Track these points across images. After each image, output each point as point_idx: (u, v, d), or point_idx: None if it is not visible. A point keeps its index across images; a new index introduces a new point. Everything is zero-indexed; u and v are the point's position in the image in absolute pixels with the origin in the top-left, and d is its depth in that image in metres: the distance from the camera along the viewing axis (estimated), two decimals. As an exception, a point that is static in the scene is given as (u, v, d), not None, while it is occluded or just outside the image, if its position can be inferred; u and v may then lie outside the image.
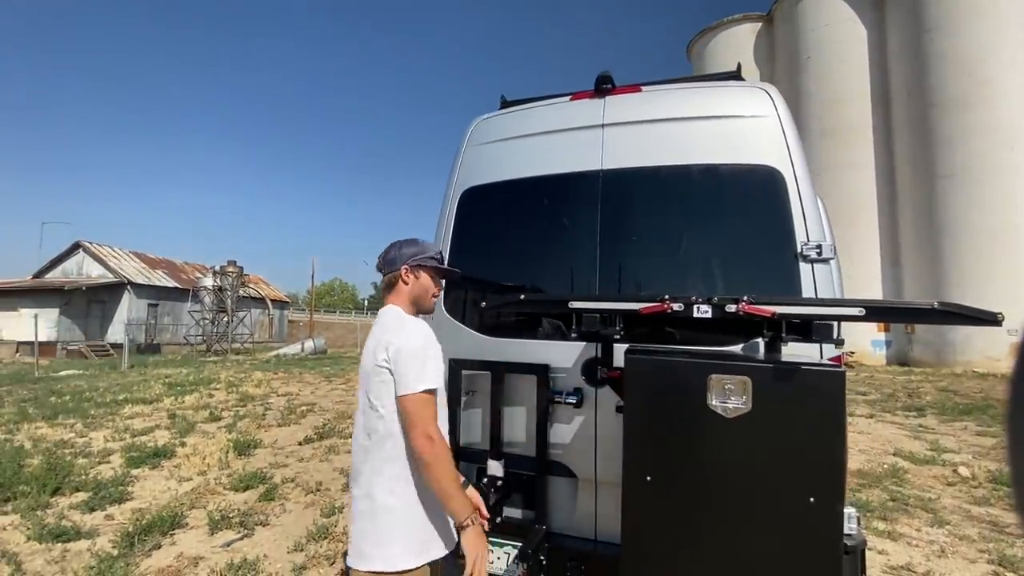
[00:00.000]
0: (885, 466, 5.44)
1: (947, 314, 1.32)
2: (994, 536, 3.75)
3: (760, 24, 27.17)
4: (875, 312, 1.37)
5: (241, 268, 30.22)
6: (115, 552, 3.40)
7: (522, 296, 1.98)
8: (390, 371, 1.51)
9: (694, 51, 29.75)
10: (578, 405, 2.08)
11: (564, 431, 2.14)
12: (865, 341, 20.75)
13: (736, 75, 2.47)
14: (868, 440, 6.76)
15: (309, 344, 26.32)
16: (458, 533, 1.50)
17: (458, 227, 2.47)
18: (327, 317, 58.15)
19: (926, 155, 19.91)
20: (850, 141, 22.19)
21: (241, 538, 3.65)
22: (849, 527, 1.83)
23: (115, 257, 30.58)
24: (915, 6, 20.62)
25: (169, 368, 16.84)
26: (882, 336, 20.70)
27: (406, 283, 1.68)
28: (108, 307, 28.46)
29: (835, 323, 1.46)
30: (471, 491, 1.73)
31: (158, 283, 30.68)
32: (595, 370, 2.04)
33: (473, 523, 1.48)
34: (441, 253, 1.83)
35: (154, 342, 29.56)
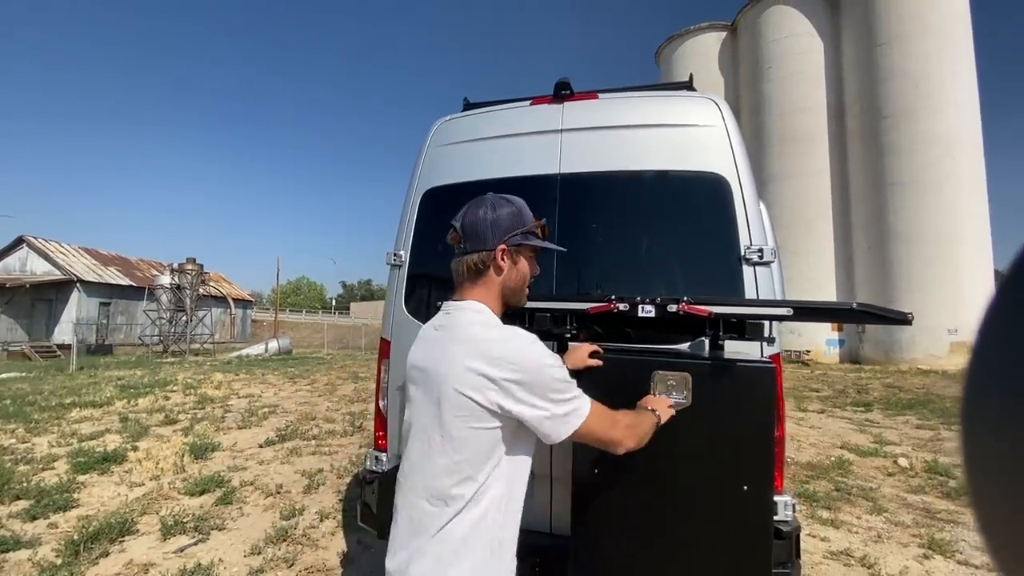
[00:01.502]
0: (833, 458, 5.72)
1: (864, 314, 1.43)
2: (926, 522, 4.01)
3: (725, 33, 27.99)
4: (801, 312, 1.48)
5: (201, 266, 29.19)
6: (58, 561, 3.27)
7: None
8: (505, 414, 1.04)
9: (662, 56, 30.41)
10: None
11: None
12: (820, 340, 21.65)
13: (688, 85, 2.58)
14: (819, 434, 7.09)
15: (273, 344, 25.67)
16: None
17: (420, 227, 2.49)
18: (293, 317, 56.84)
19: (876, 164, 20.93)
20: (808, 149, 23.10)
21: (195, 543, 3.56)
22: (785, 514, 1.95)
23: (63, 253, 29.08)
24: (867, 21, 21.65)
25: (122, 370, 16.14)
26: (836, 336, 21.65)
27: (500, 270, 1.18)
28: (55, 306, 27.06)
29: (767, 322, 1.56)
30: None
31: (110, 281, 29.34)
32: None
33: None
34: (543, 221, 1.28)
35: (106, 343, 28.27)
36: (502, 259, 1.18)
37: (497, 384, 1.03)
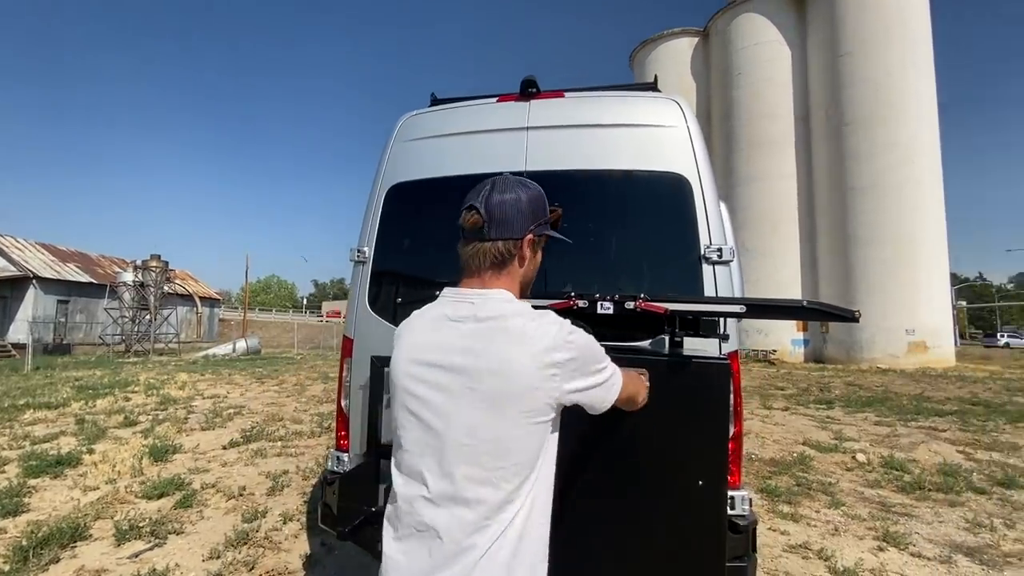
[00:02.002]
0: (795, 454, 5.89)
1: (813, 311, 1.48)
2: (881, 515, 4.15)
3: (697, 39, 28.55)
4: (754, 309, 1.51)
5: (166, 263, 28.28)
6: (6, 568, 3.12)
7: (438, 293, 2.01)
8: (562, 399, 1.01)
9: (636, 60, 30.82)
10: None
11: None
12: (786, 340, 22.28)
13: (653, 86, 2.61)
14: (782, 431, 7.28)
15: (241, 344, 25.03)
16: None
17: (384, 222, 2.46)
18: (263, 316, 55.57)
19: (839, 169, 21.66)
20: (775, 153, 23.75)
21: (151, 548, 3.44)
22: (742, 508, 1.99)
23: (18, 248, 27.79)
24: (832, 31, 22.38)
25: (81, 370, 15.50)
26: (801, 336, 22.31)
27: (524, 261, 1.11)
28: (10, 303, 25.84)
29: (721, 319, 1.59)
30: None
31: (69, 278, 28.17)
32: None
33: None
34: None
35: (64, 342, 27.13)
36: (527, 249, 1.10)
37: (561, 369, 0.98)
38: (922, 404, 9.79)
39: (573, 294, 1.60)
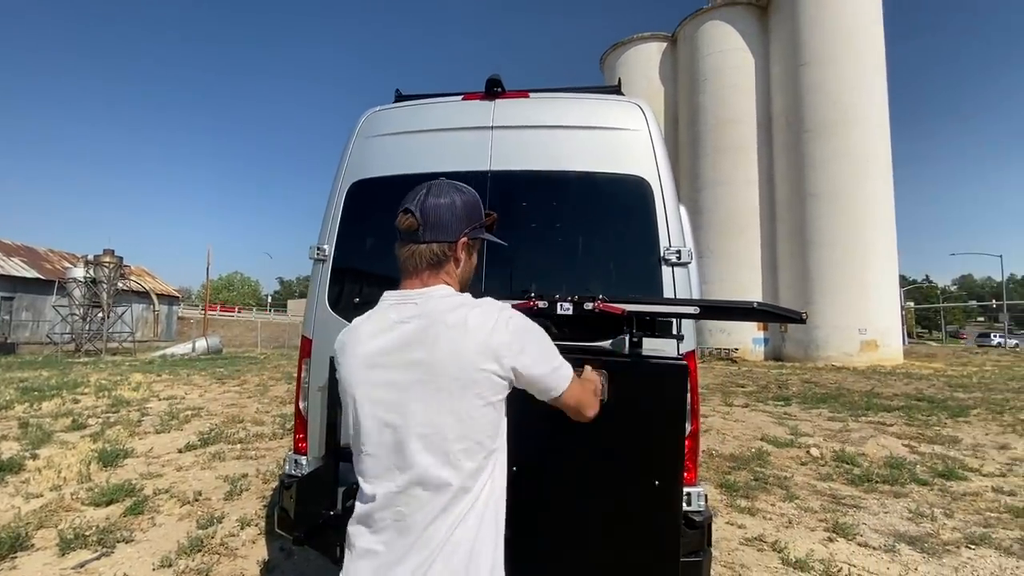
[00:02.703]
0: (753, 450, 6.09)
1: (764, 312, 1.53)
2: (832, 507, 4.34)
3: (666, 44, 29.09)
4: (707, 310, 1.55)
5: (120, 258, 27.03)
6: (-68, 584, 2.93)
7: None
8: (514, 377, 1.06)
9: (607, 63, 31.19)
10: None
11: None
12: (748, 339, 22.99)
13: (617, 89, 2.65)
14: (742, 427, 7.52)
15: (202, 343, 24.19)
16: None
17: (345, 219, 2.42)
18: (225, 314, 53.80)
19: (798, 175, 22.48)
20: (739, 159, 24.45)
21: (98, 557, 3.28)
22: (698, 504, 2.05)
23: (-45, 242, 26.05)
24: (793, 42, 23.18)
25: (26, 371, 14.67)
26: (761, 335, 23.05)
27: (458, 262, 1.15)
28: (-56, 300, 24.20)
29: (675, 319, 1.63)
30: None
31: (13, 273, 26.58)
32: None
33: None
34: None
35: (8, 341, 25.57)
36: (462, 251, 1.14)
37: (507, 348, 1.03)
38: (872, 400, 10.26)
39: (533, 295, 1.61)
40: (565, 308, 1.56)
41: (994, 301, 65.89)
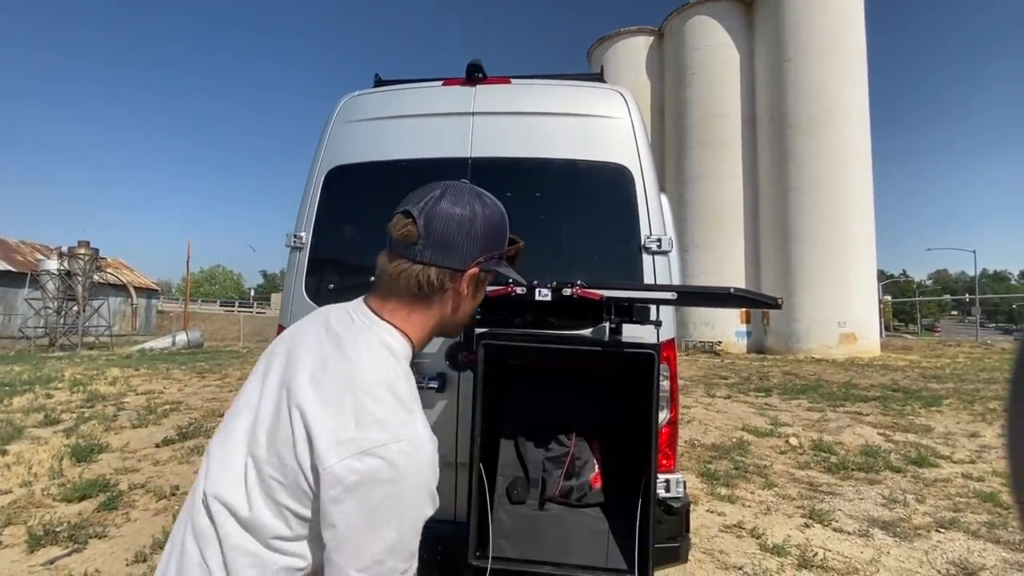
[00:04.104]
0: (734, 439, 6.17)
1: (740, 298, 1.53)
2: (809, 494, 4.42)
3: (653, 38, 29.11)
4: (685, 296, 1.55)
5: (96, 250, 26.34)
6: None
7: (372, 278, 1.96)
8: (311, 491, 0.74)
9: (594, 56, 31.13)
10: (440, 390, 2.10)
11: (427, 416, 2.15)
12: (730, 332, 23.29)
13: (599, 77, 2.63)
14: (724, 418, 7.62)
15: (182, 337, 23.75)
16: None
17: (323, 206, 2.37)
18: (206, 308, 52.87)
19: (781, 170, 22.74)
20: (724, 154, 24.63)
21: (69, 554, 3.21)
22: (677, 491, 2.06)
23: (-79, 233, 25.14)
24: (777, 38, 23.36)
25: (-5, 366, 14.26)
26: (744, 327, 23.38)
27: (458, 297, 0.88)
28: (-90, 293, 23.39)
29: (653, 306, 1.62)
30: None
31: (-17, 265, 25.80)
32: (457, 355, 2.08)
33: None
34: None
35: (-23, 336, 24.84)
36: (466, 286, 0.87)
37: (338, 463, 0.71)
38: (850, 391, 10.47)
39: (511, 281, 1.58)
40: (544, 294, 1.55)
41: (967, 295, 67.84)
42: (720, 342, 23.00)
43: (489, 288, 1.66)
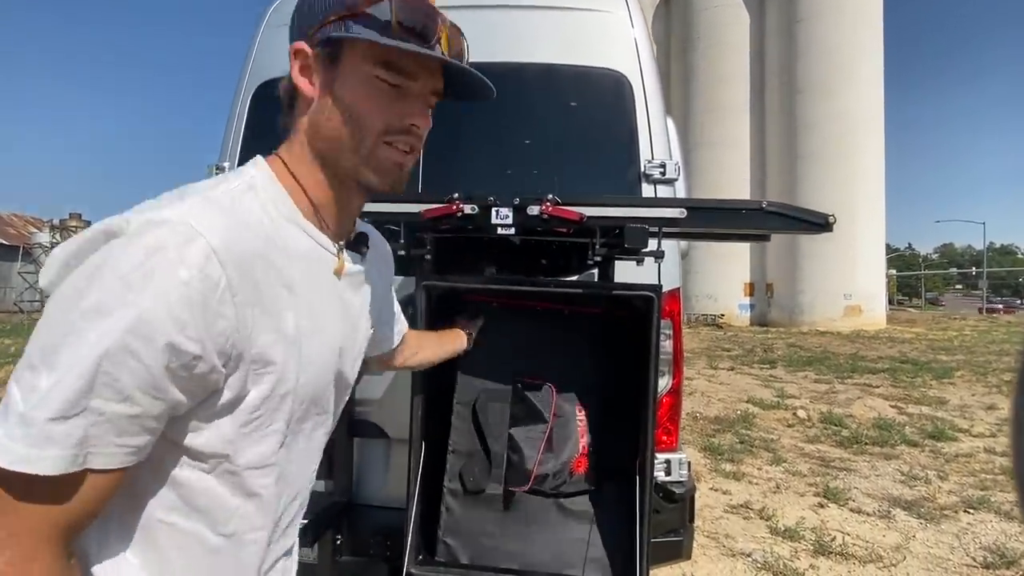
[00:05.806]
0: (738, 412, 5.84)
1: (776, 215, 1.12)
2: (821, 471, 4.09)
3: (659, 1, 27.88)
4: (697, 213, 1.13)
5: (88, 222, 25.88)
6: None
7: None
8: None
9: (596, 19, 29.94)
10: None
11: (376, 384, 1.77)
12: (733, 305, 22.95)
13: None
14: (727, 390, 7.28)
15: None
16: None
17: (251, 128, 1.94)
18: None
19: (790, 136, 21.96)
20: (730, 120, 23.80)
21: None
22: (679, 473, 1.68)
23: (-92, 204, 24.71)
24: (789, -4, 22.27)
25: (-16, 338, 14.01)
26: (747, 300, 23.02)
27: (300, 95, 0.62)
28: (-99, 266, 23.11)
29: (651, 228, 1.19)
30: None
31: (-26, 238, 25.44)
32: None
33: None
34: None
35: (-29, 309, 24.66)
36: (301, 71, 0.60)
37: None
38: (857, 363, 10.13)
39: (457, 196, 1.16)
40: (504, 215, 1.12)
41: (974, 269, 67.13)
42: (723, 315, 22.67)
43: (425, 206, 1.24)
